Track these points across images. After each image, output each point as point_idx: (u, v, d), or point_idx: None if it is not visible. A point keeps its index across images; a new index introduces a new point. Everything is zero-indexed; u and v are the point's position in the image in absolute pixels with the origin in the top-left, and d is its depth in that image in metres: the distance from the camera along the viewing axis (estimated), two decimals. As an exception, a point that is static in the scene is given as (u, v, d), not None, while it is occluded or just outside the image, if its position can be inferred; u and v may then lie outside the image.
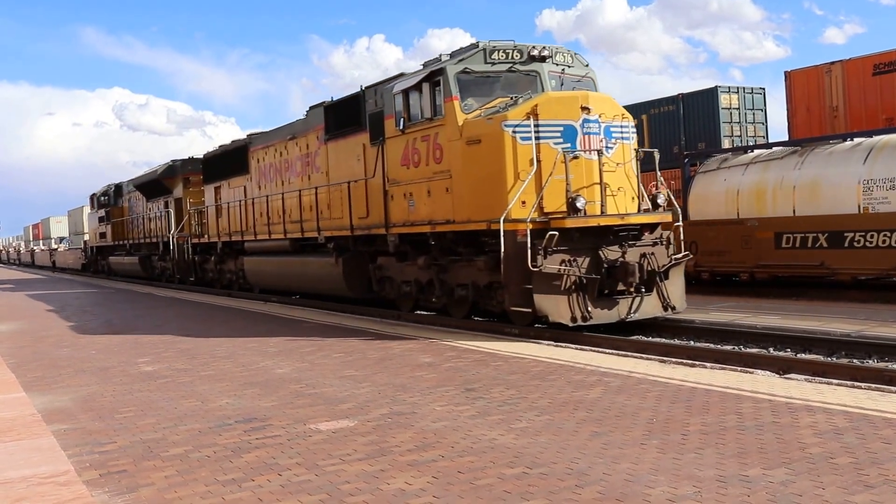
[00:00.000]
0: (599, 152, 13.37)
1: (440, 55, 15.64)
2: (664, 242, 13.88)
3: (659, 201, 14.30)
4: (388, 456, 6.65)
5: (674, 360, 10.24)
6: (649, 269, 13.33)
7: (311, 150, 20.07)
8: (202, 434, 7.75)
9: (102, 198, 45.52)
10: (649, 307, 13.49)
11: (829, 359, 10.20)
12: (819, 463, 5.83)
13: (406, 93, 15.43)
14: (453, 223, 14.37)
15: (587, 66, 15.63)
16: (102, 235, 46.18)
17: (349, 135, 18.06)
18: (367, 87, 17.52)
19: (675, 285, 13.83)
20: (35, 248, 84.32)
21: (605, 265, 13.07)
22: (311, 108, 20.79)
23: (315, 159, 19.91)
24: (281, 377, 10.54)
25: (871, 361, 10.02)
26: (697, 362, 9.97)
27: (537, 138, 13.18)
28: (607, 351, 11.29)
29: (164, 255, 34.41)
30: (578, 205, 13.00)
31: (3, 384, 10.99)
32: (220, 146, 28.12)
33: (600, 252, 13.13)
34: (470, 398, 8.66)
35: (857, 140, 18.51)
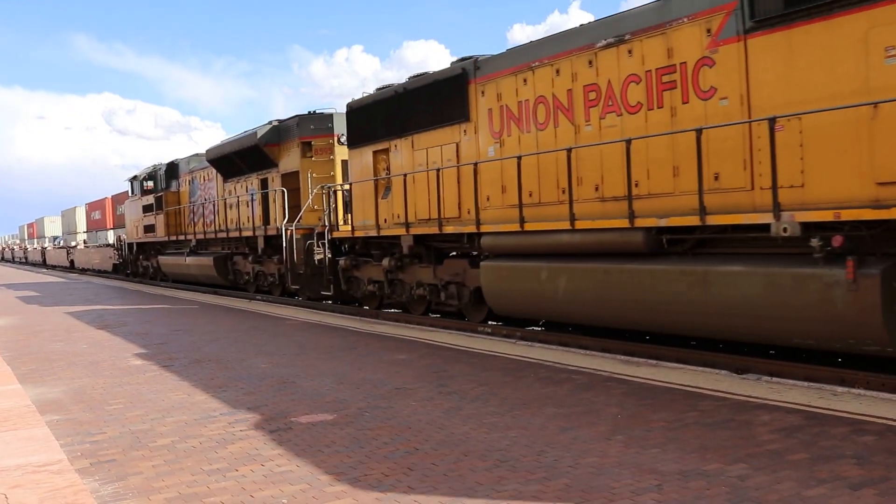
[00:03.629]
0: None
1: None
2: None
3: None
4: (366, 448, 6.59)
5: (638, 359, 10.24)
6: None
7: (684, 58, 10.22)
8: (188, 426, 7.66)
9: (147, 181, 33.23)
10: None
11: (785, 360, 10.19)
12: (775, 459, 5.81)
13: None
14: None
15: None
16: (149, 229, 33.51)
17: (844, 9, 8.56)
18: None
19: None
20: (47, 244, 72.25)
21: None
22: None
23: (698, 74, 10.07)
24: (264, 372, 10.44)
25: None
26: (661, 361, 9.97)
27: None
28: (574, 350, 11.26)
29: (262, 256, 22.93)
30: None
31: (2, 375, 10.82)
32: (377, 89, 16.94)
33: None
34: (443, 393, 8.60)
35: None
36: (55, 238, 73.74)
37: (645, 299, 10.48)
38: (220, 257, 26.04)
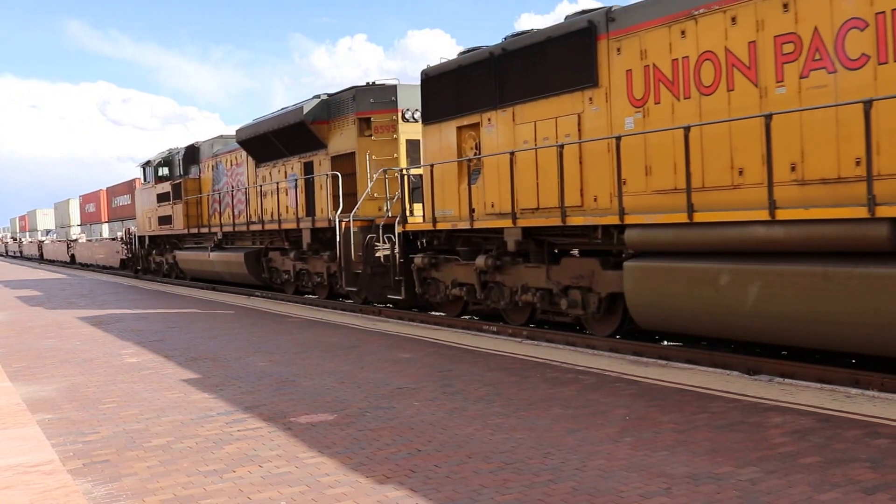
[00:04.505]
0: None
1: None
2: None
3: None
4: (367, 449, 6.60)
5: (647, 359, 10.25)
6: None
7: None
8: (184, 425, 7.69)
9: (162, 168, 30.37)
10: None
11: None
12: (787, 462, 5.82)
13: None
14: None
15: None
16: (164, 220, 30.44)
17: None
18: None
19: None
20: (44, 237, 67.29)
21: None
22: None
23: None
24: (262, 370, 10.47)
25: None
26: (670, 362, 9.98)
27: None
28: (582, 349, 11.27)
29: (306, 253, 20.40)
30: None
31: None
32: (461, 53, 14.45)
33: None
34: (447, 393, 8.62)
35: None
36: (48, 231, 73.22)
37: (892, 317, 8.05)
38: (253, 253, 23.35)
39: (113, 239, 42.11)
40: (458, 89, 14.26)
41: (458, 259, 14.51)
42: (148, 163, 31.88)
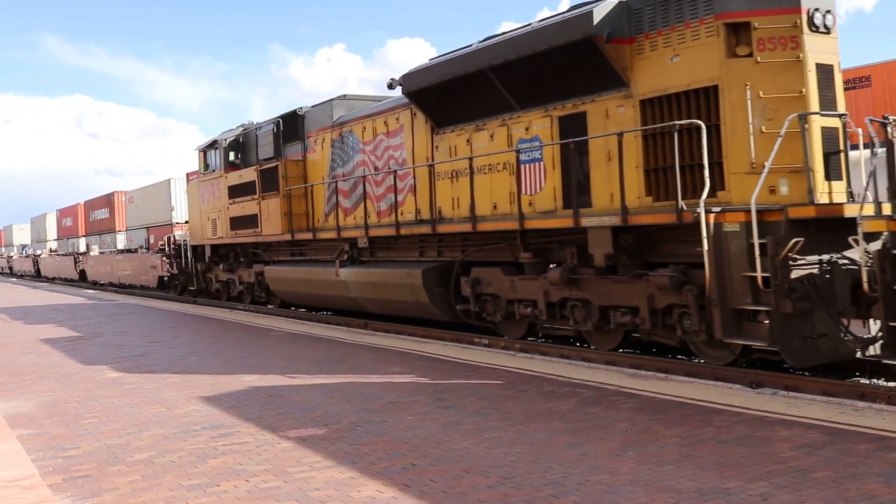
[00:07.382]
0: None
1: None
2: None
3: None
4: (359, 464, 6.45)
5: (645, 372, 10.13)
6: None
7: None
8: (167, 440, 7.54)
9: (234, 150, 21.95)
10: None
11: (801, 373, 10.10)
12: (798, 477, 5.70)
13: None
14: None
15: None
16: (243, 222, 21.33)
17: None
18: None
19: None
20: (40, 251, 57.02)
21: None
22: None
23: None
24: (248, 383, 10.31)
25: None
26: (670, 375, 9.87)
27: None
28: (577, 362, 11.14)
29: (582, 272, 11.61)
30: None
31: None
32: None
33: None
34: (441, 407, 8.47)
35: None
36: (24, 247, 72.28)
37: None
38: (435, 269, 14.58)
39: (133, 251, 34.24)
40: None
41: None
42: (213, 144, 22.86)
